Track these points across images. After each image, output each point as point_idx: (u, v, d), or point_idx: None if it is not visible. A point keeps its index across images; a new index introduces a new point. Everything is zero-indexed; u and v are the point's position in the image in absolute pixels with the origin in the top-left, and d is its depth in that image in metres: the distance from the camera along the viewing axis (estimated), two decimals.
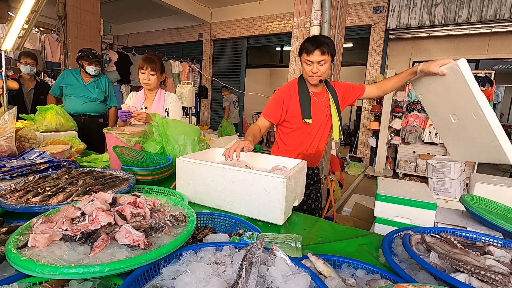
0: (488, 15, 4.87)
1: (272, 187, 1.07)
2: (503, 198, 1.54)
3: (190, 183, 1.25)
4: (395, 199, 1.43)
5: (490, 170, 6.05)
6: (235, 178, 1.14)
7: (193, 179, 1.24)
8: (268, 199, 1.08)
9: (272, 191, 1.07)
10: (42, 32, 4.66)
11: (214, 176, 1.18)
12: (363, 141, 6.28)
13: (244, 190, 1.13)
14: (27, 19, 2.14)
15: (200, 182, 1.22)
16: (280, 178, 1.05)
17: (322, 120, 1.70)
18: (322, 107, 1.68)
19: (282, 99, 1.66)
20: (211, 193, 1.21)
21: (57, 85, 2.93)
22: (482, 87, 4.92)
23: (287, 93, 1.66)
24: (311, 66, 1.54)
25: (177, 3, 6.70)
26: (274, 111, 1.66)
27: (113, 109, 3.20)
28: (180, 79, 7.33)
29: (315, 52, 1.50)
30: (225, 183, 1.16)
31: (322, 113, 1.69)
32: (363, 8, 5.86)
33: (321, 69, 1.53)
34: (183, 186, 1.28)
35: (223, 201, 1.19)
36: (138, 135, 1.72)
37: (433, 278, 0.73)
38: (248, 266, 0.60)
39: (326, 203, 3.05)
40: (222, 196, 1.19)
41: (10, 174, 1.23)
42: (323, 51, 1.49)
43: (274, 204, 1.08)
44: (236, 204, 1.16)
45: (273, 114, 1.67)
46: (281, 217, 1.09)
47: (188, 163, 1.24)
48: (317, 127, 1.70)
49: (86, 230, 0.70)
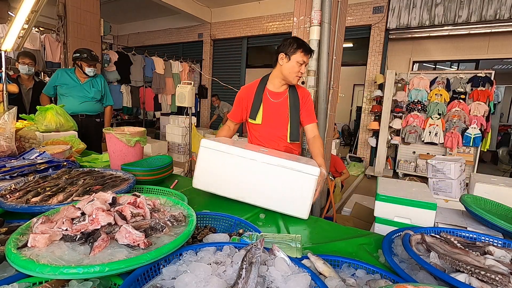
0: (488, 15, 4.87)
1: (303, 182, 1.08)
2: (503, 198, 1.54)
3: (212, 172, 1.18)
4: (395, 199, 1.43)
5: (490, 170, 6.06)
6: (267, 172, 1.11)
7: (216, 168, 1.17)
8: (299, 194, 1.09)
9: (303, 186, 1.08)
10: (42, 32, 4.66)
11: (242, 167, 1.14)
12: (363, 141, 6.28)
13: (273, 184, 1.11)
14: (27, 19, 2.13)
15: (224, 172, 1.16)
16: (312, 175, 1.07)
17: (278, 121, 1.65)
18: (279, 107, 1.65)
19: (241, 99, 1.67)
20: (235, 184, 1.16)
21: (51, 84, 2.88)
22: (482, 87, 4.92)
23: (246, 92, 1.67)
24: (302, 66, 1.56)
25: (177, 3, 6.70)
26: (235, 111, 1.69)
27: (109, 108, 3.18)
28: (180, 79, 7.33)
29: (307, 55, 1.55)
30: (251, 174, 1.13)
31: (278, 113, 1.65)
32: (363, 8, 5.86)
33: (303, 70, 1.57)
34: (203, 175, 1.19)
35: (247, 193, 1.15)
36: (138, 135, 1.72)
37: (433, 278, 0.73)
38: (248, 266, 0.60)
39: (326, 203, 3.05)
40: (247, 187, 1.14)
41: (10, 174, 1.23)
42: (309, 54, 1.56)
43: (303, 199, 1.09)
44: (261, 197, 1.14)
45: (234, 113, 1.70)
46: (307, 211, 1.11)
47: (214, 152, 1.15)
48: (270, 127, 1.66)
49: (86, 230, 0.70)
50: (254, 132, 1.71)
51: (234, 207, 1.33)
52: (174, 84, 7.14)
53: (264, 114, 1.63)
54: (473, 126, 4.91)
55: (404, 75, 5.51)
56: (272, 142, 1.68)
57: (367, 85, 6.07)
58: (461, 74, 5.14)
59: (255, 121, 1.62)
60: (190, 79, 7.70)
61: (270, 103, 1.64)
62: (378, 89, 5.86)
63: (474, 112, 4.93)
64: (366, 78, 6.04)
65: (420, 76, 5.35)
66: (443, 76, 5.28)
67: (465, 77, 5.10)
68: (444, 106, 5.16)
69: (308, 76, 2.51)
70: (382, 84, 5.66)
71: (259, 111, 1.62)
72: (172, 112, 7.34)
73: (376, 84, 5.85)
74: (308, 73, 2.51)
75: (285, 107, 1.64)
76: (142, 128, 1.79)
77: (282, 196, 1.12)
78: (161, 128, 6.30)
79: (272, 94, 1.65)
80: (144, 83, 6.53)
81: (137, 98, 6.74)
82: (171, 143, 5.33)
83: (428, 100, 5.31)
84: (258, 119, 1.63)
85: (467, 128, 4.96)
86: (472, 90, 5.05)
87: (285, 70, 1.58)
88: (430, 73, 5.43)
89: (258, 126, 1.66)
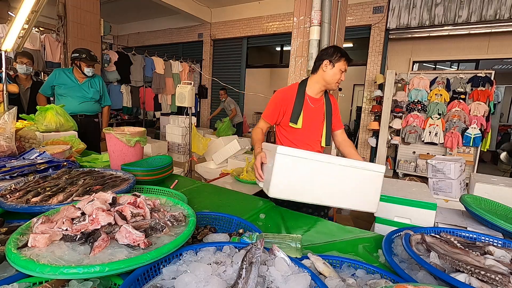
0: (488, 15, 4.87)
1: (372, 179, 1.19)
2: (503, 198, 1.54)
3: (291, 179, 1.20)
4: (395, 199, 1.43)
5: (490, 170, 6.06)
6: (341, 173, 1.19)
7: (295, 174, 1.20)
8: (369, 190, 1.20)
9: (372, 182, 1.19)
10: (42, 32, 4.65)
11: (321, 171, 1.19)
12: (363, 141, 6.28)
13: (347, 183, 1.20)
14: (27, 19, 2.13)
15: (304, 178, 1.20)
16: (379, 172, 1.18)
17: (315, 125, 1.75)
18: (317, 112, 1.74)
19: (280, 101, 1.71)
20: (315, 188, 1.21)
21: (48, 84, 2.87)
22: (482, 87, 4.92)
23: (285, 96, 1.72)
24: (343, 74, 1.65)
25: (177, 3, 6.70)
26: (272, 113, 1.73)
27: (107, 108, 3.18)
28: (180, 79, 7.32)
29: (345, 62, 1.63)
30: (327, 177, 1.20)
31: (316, 118, 1.74)
32: (363, 8, 5.86)
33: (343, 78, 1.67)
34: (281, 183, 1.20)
35: (325, 195, 1.21)
36: (138, 135, 1.72)
37: (433, 278, 0.73)
38: (248, 266, 0.60)
39: None
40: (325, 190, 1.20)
41: (10, 174, 1.23)
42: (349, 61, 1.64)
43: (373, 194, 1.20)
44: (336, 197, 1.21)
45: (271, 115, 1.73)
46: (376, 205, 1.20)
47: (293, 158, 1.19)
48: (309, 131, 1.74)
49: (86, 230, 0.70)
50: (290, 135, 1.77)
51: (234, 207, 1.33)
52: (174, 84, 7.13)
53: (304, 119, 1.70)
54: (473, 126, 4.91)
55: (404, 75, 5.51)
56: (307, 146, 1.76)
57: (367, 85, 6.07)
58: (461, 74, 5.14)
59: (296, 125, 1.69)
60: (190, 79, 7.69)
61: (309, 108, 1.72)
62: (378, 89, 5.86)
63: (474, 112, 4.93)
64: (366, 78, 6.04)
65: (420, 76, 5.35)
66: (443, 76, 5.28)
67: (465, 77, 5.10)
68: (444, 106, 5.16)
69: None
70: (382, 84, 5.66)
71: (300, 115, 1.70)
72: (172, 112, 7.33)
73: (376, 84, 5.85)
74: (308, 73, 2.51)
75: (321, 112, 1.75)
76: (142, 128, 1.79)
77: (355, 194, 1.21)
78: (161, 128, 6.29)
79: (312, 100, 1.73)
80: (144, 83, 6.53)
81: (137, 98, 6.73)
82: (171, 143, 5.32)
83: (428, 100, 5.31)
84: (299, 123, 1.70)
85: (467, 128, 4.96)
86: (472, 90, 5.05)
87: (328, 77, 1.66)
88: (430, 73, 5.43)
89: (297, 130, 1.73)
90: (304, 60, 2.60)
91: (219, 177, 3.12)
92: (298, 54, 2.65)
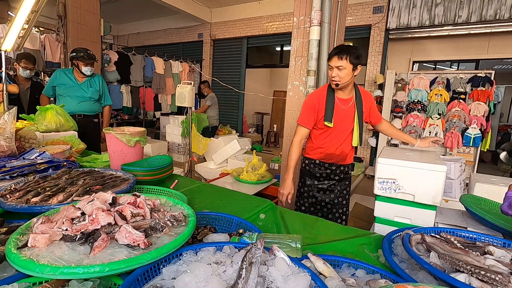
0: (488, 15, 4.87)
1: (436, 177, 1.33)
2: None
3: None
4: (395, 199, 1.43)
5: (490, 170, 6.05)
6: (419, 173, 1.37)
7: None
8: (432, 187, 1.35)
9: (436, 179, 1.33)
10: (42, 32, 4.65)
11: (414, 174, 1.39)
12: (363, 141, 6.28)
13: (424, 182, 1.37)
14: (27, 19, 2.13)
15: None
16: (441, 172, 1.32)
17: (346, 125, 1.81)
18: (347, 113, 1.80)
19: (313, 105, 1.78)
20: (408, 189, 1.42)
21: (50, 85, 2.87)
22: (482, 87, 4.92)
23: (317, 98, 1.79)
24: (331, 71, 1.68)
25: (177, 3, 6.70)
26: (308, 118, 1.80)
27: (108, 107, 3.18)
28: (180, 79, 7.32)
29: (333, 58, 1.64)
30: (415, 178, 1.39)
31: (346, 119, 1.80)
32: (363, 8, 5.86)
33: (340, 74, 1.65)
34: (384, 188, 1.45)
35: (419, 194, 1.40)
36: (138, 135, 1.72)
37: (433, 278, 0.73)
38: (248, 266, 0.60)
39: None
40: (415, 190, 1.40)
41: (10, 174, 1.23)
42: (340, 57, 1.62)
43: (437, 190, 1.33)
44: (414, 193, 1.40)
45: (308, 120, 1.80)
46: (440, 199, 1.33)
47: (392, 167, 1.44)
48: (339, 130, 1.81)
49: (86, 230, 0.70)
50: (322, 135, 1.84)
51: (234, 207, 1.33)
52: (174, 84, 7.13)
53: (335, 118, 1.77)
54: (473, 126, 4.90)
55: (404, 75, 5.51)
56: (339, 145, 1.83)
57: (367, 85, 6.06)
58: (461, 74, 5.14)
59: (330, 124, 1.76)
60: (190, 79, 7.69)
61: (339, 109, 1.78)
62: (378, 89, 5.86)
63: (474, 112, 4.93)
64: (366, 78, 6.04)
65: (420, 76, 5.35)
66: (443, 76, 5.27)
67: (465, 77, 5.10)
68: (444, 106, 5.15)
69: (308, 76, 2.52)
70: (382, 84, 5.66)
71: (332, 115, 1.77)
72: (172, 112, 7.33)
73: (376, 84, 5.85)
74: (308, 73, 2.51)
75: (352, 113, 1.80)
76: (142, 128, 1.79)
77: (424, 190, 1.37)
78: (161, 128, 6.28)
79: (341, 101, 1.79)
80: (144, 83, 6.52)
81: (137, 98, 6.72)
82: (171, 143, 5.32)
83: (428, 100, 5.31)
84: (332, 122, 1.76)
85: (467, 128, 4.96)
86: (472, 90, 5.04)
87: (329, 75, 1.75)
88: (430, 73, 5.43)
89: (329, 129, 1.80)
90: (304, 60, 2.59)
91: (219, 177, 3.12)
92: (298, 54, 2.65)
